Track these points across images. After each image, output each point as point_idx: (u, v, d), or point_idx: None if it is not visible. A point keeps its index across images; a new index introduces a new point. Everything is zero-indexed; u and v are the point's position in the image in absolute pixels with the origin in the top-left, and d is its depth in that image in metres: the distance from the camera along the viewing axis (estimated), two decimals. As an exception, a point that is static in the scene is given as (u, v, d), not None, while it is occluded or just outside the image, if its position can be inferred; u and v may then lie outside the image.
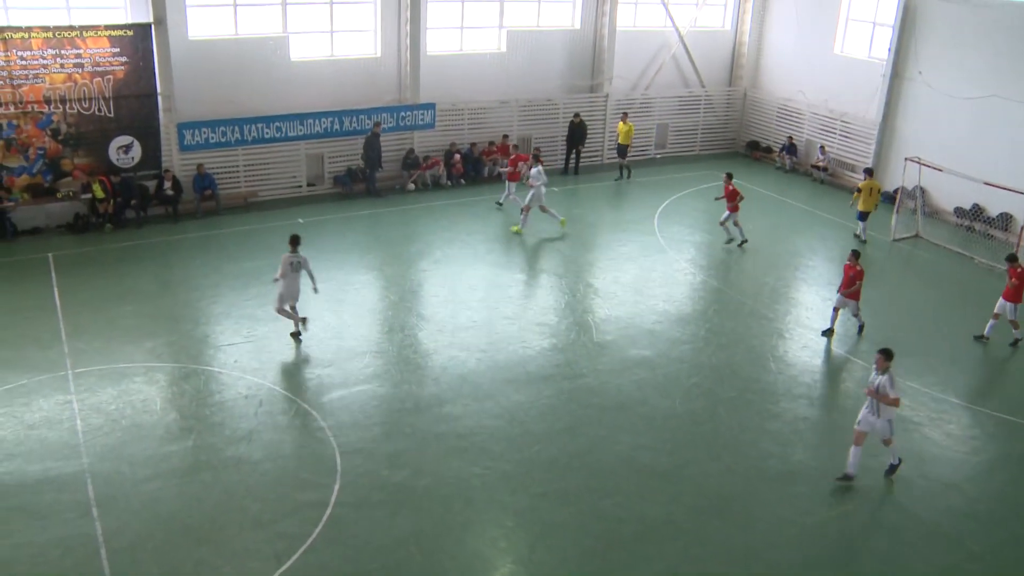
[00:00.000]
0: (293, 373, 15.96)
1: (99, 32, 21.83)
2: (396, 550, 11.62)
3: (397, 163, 27.24)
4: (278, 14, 24.91)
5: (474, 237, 23.16)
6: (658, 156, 32.16)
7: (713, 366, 16.81)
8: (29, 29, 21.02)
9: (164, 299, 18.85)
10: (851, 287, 17.81)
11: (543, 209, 23.42)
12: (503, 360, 16.73)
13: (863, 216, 23.83)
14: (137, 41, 22.33)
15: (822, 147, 29.70)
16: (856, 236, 24.06)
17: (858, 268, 17.76)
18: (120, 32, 22.10)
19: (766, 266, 21.98)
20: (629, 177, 29.18)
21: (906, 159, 25.02)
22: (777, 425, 14.97)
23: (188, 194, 24.02)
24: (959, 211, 25.64)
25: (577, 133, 29.10)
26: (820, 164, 29.58)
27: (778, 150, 31.56)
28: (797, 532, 12.35)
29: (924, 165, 24.49)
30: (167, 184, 23.57)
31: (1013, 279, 17.81)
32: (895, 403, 12.92)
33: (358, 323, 18.17)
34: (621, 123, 29.17)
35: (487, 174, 28.31)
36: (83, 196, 22.71)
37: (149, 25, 22.45)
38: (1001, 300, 18.05)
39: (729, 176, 23.02)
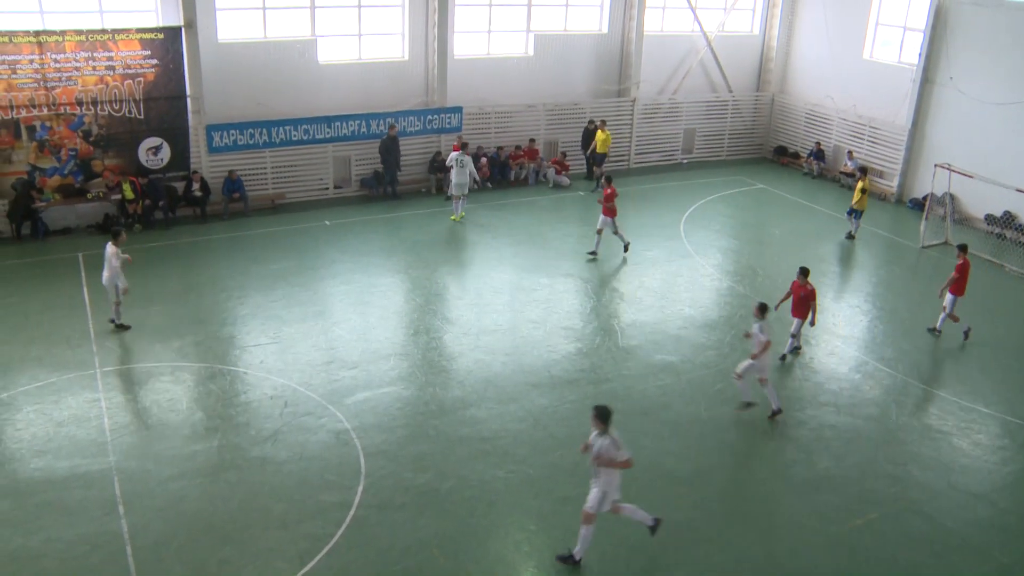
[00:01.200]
0: (318, 374, 16.03)
1: (130, 35, 22.08)
2: (419, 552, 11.63)
3: (424, 166, 27.34)
4: (306, 17, 25.09)
5: (499, 240, 23.17)
6: (685, 161, 32.05)
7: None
8: (63, 32, 21.30)
9: (191, 299, 19.01)
10: (802, 308, 16.90)
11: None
12: (528, 364, 16.72)
13: (860, 215, 24.15)
14: (167, 44, 22.56)
15: (849, 152, 29.47)
16: (850, 235, 24.30)
17: (809, 287, 16.81)
18: (151, 35, 22.34)
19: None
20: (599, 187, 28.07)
21: (936, 165, 24.79)
22: (802, 432, 14.86)
23: (216, 196, 24.22)
24: (990, 218, 25.35)
25: (593, 138, 28.94)
26: (848, 170, 29.35)
27: (806, 155, 31.36)
28: (821, 541, 12.24)
29: (954, 172, 24.24)
30: (195, 186, 23.78)
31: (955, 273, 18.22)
32: (626, 464, 11.14)
33: (383, 325, 18.23)
34: (599, 131, 28.48)
35: (513, 178, 28.33)
36: (112, 197, 22.95)
37: (179, 28, 22.67)
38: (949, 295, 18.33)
39: (609, 179, 22.13)
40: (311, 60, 25.33)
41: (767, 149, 33.42)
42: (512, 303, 19.50)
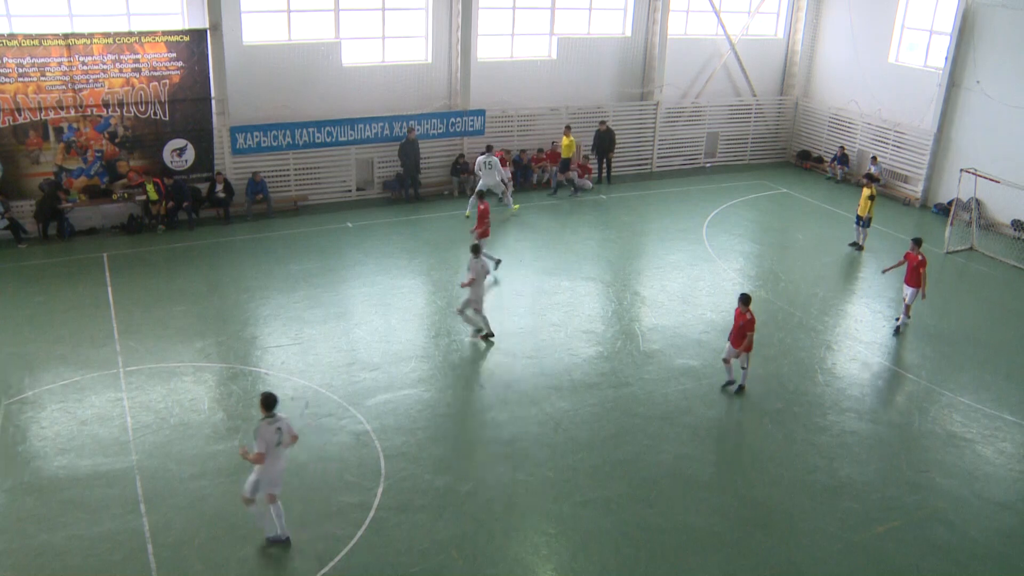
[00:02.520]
0: (339, 376, 16.09)
1: (157, 38, 22.27)
2: (438, 554, 11.65)
3: (446, 169, 27.39)
4: (331, 20, 25.21)
5: (521, 244, 23.17)
6: (708, 165, 31.94)
7: (760, 377, 16.60)
8: (91, 35, 21.52)
9: (214, 300, 19.13)
10: (741, 337, 15.59)
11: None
12: (549, 367, 16.71)
13: (868, 223, 23.69)
14: (193, 46, 22.73)
15: (874, 157, 29.24)
16: (856, 244, 23.96)
17: (748, 316, 15.43)
18: (177, 38, 22.53)
19: (816, 277, 21.70)
20: (575, 192, 27.87)
21: (962, 170, 24.56)
22: (824, 438, 14.76)
23: (239, 197, 24.37)
24: (1016, 224, 25.07)
25: (605, 140, 28.88)
26: (873, 175, 29.09)
27: (829, 160, 31.17)
28: (842, 548, 12.15)
29: (980, 176, 24.01)
30: (219, 187, 23.94)
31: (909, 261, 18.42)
32: (254, 459, 11.17)
33: (405, 327, 18.28)
34: (564, 136, 27.58)
35: (536, 181, 28.33)
36: (137, 198, 23.16)
37: (205, 31, 22.84)
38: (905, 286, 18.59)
39: (480, 195, 21.50)
40: (335, 63, 25.45)
41: (790, 153, 33.23)
42: (533, 306, 19.49)
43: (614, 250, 23.10)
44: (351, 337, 17.60)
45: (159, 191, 23.07)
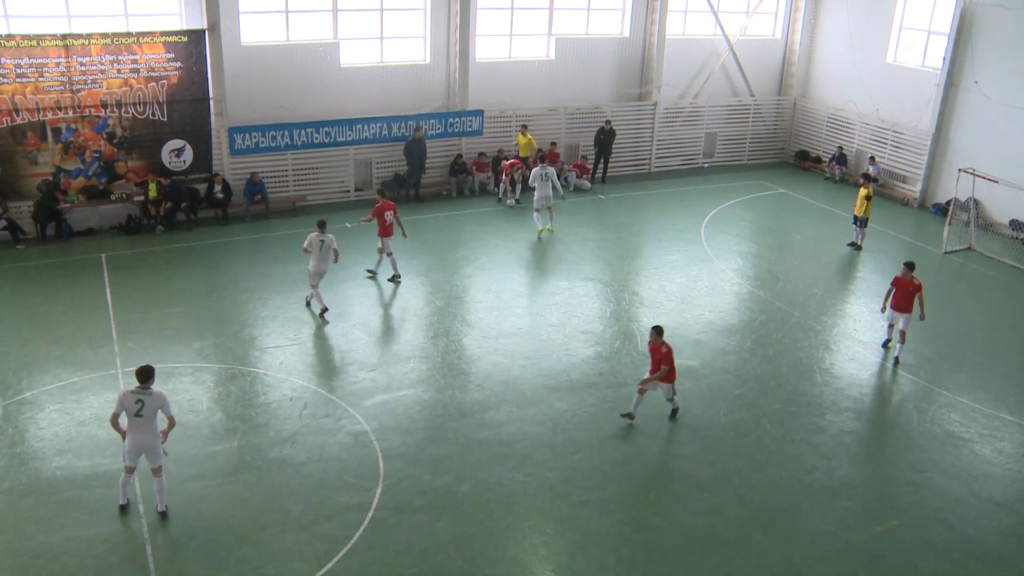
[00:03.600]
0: (338, 376, 16.09)
1: (155, 38, 22.27)
2: (436, 555, 11.65)
3: (445, 169, 27.39)
4: (329, 21, 25.22)
5: (520, 244, 23.18)
6: (706, 165, 31.95)
7: (758, 377, 16.63)
8: (89, 36, 21.51)
9: (212, 301, 19.12)
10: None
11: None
12: (547, 367, 16.71)
13: (865, 223, 23.61)
14: (191, 47, 22.73)
15: (872, 158, 29.27)
16: (855, 244, 23.88)
17: (663, 349, 14.41)
18: (175, 38, 22.53)
19: (814, 277, 21.71)
20: (503, 199, 26.90)
21: (960, 170, 24.57)
22: (822, 438, 14.76)
23: (238, 198, 24.37)
24: (1015, 224, 25.08)
25: (608, 140, 28.94)
26: (870, 175, 29.11)
27: (828, 160, 31.19)
28: (841, 547, 12.16)
29: (979, 176, 24.03)
30: (217, 187, 23.94)
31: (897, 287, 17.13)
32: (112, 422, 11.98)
33: (403, 328, 18.28)
34: (520, 135, 27.64)
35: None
36: (136, 199, 23.14)
37: (203, 31, 22.85)
38: (891, 310, 17.29)
39: (381, 192, 20.56)
40: (333, 63, 25.45)
41: (788, 153, 33.26)
42: (532, 306, 19.50)
43: (612, 250, 23.11)
44: (349, 338, 17.60)
45: (159, 190, 23.07)
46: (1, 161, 21.67)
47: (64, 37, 21.32)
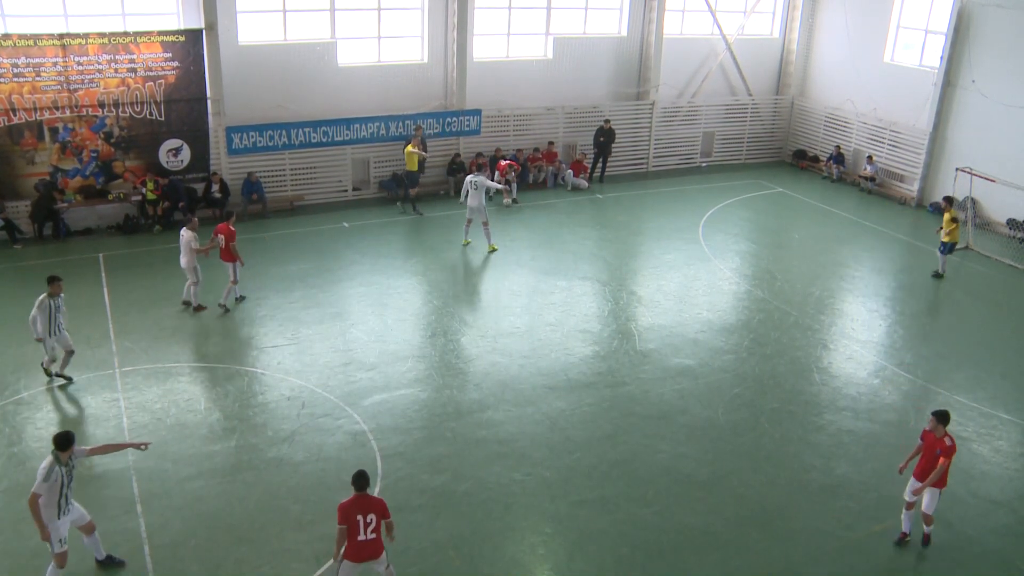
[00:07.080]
0: (336, 376, 16.08)
1: (152, 38, 22.24)
2: (435, 554, 11.64)
3: (442, 168, 27.38)
4: (326, 20, 25.20)
5: (518, 243, 23.17)
6: (704, 165, 31.96)
7: (756, 377, 16.64)
8: (86, 35, 21.48)
9: (210, 300, 19.07)
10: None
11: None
12: (545, 366, 16.71)
13: (951, 248, 21.68)
14: (188, 46, 22.71)
15: (869, 157, 29.29)
16: (937, 274, 21.99)
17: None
18: (172, 38, 22.51)
19: (811, 276, 21.72)
20: (415, 210, 25.55)
21: (957, 169, 24.62)
22: (820, 437, 14.77)
23: (235, 197, 24.34)
24: (1012, 223, 25.12)
25: (608, 140, 28.93)
26: (867, 174, 29.18)
27: (825, 159, 31.21)
28: (839, 547, 12.17)
29: (976, 176, 24.05)
30: (215, 187, 23.92)
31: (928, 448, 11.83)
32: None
33: (401, 327, 18.27)
34: (408, 145, 25.13)
35: (531, 180, 28.33)
36: (133, 199, 23.12)
37: (200, 31, 22.82)
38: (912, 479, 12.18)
39: (228, 214, 19.22)
40: (331, 62, 25.44)
41: (786, 153, 33.27)
42: (529, 306, 19.50)
43: (610, 249, 23.11)
44: (347, 337, 17.60)
45: (158, 189, 23.06)
46: (-2, 161, 21.68)
47: (61, 37, 21.29)
